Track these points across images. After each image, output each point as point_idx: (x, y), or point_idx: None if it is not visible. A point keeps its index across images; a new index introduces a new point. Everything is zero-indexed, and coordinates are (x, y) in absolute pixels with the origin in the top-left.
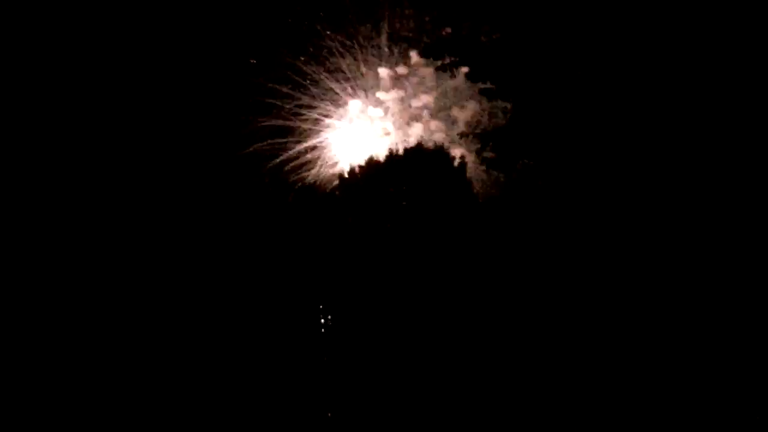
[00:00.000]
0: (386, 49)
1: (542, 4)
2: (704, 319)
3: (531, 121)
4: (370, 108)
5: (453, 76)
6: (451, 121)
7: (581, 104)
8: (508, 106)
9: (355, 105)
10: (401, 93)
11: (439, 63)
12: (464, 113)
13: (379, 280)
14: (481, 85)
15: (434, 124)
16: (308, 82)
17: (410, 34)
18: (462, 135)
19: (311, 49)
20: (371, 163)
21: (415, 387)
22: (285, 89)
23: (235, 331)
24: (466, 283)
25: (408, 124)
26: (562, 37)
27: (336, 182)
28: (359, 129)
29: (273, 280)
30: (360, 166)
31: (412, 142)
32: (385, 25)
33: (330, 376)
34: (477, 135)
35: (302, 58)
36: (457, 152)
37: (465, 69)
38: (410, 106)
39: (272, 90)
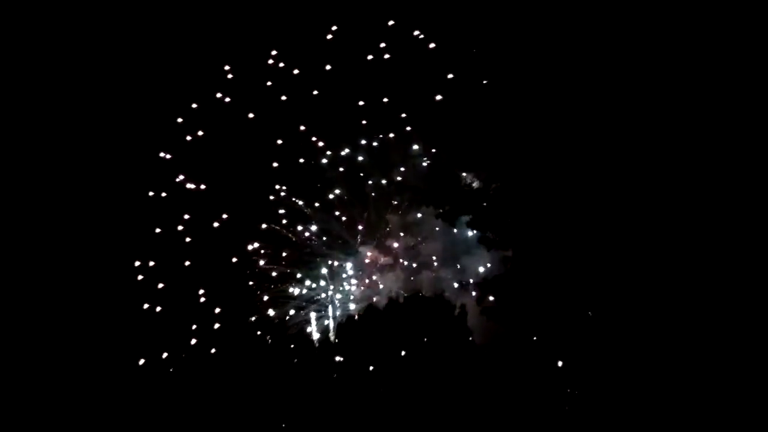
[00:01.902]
0: (396, 197)
1: (540, 153)
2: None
3: (529, 273)
4: (379, 256)
5: (452, 225)
6: (460, 270)
7: (582, 260)
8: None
9: (363, 253)
10: (411, 241)
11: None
12: (472, 261)
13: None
14: (482, 234)
15: (442, 272)
16: (318, 230)
17: (420, 184)
18: (462, 285)
19: (321, 197)
20: (370, 310)
21: None
22: (292, 237)
23: None
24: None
25: (416, 271)
26: (562, 188)
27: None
28: (366, 276)
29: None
30: (359, 314)
31: (418, 289)
32: (395, 174)
33: None
34: (477, 284)
35: (312, 206)
36: (460, 300)
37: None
38: (419, 253)
39: (278, 236)
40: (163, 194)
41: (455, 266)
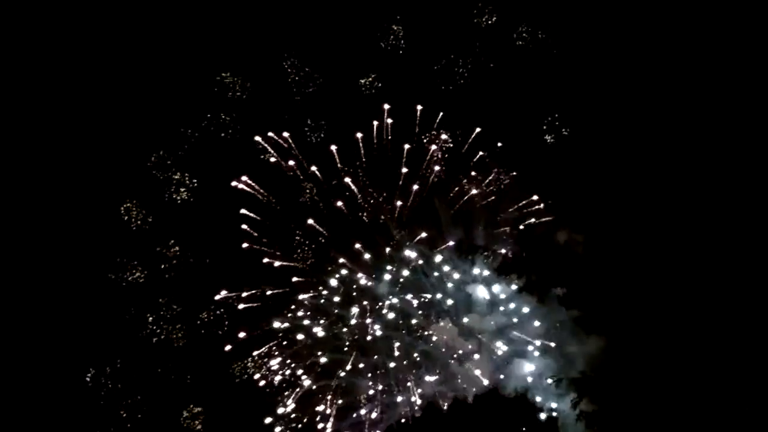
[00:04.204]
0: (479, 267)
1: None
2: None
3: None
4: (457, 340)
5: (539, 299)
6: (567, 360)
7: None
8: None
9: (437, 338)
10: (500, 321)
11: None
12: (583, 350)
13: None
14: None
15: (542, 363)
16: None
17: (509, 249)
18: (555, 381)
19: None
20: (431, 411)
21: None
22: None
23: None
24: None
25: (506, 362)
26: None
27: None
28: (437, 366)
29: None
30: (414, 417)
31: (507, 385)
32: (481, 229)
33: None
34: (575, 380)
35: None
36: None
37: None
38: (511, 339)
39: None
40: None
41: (564, 356)
